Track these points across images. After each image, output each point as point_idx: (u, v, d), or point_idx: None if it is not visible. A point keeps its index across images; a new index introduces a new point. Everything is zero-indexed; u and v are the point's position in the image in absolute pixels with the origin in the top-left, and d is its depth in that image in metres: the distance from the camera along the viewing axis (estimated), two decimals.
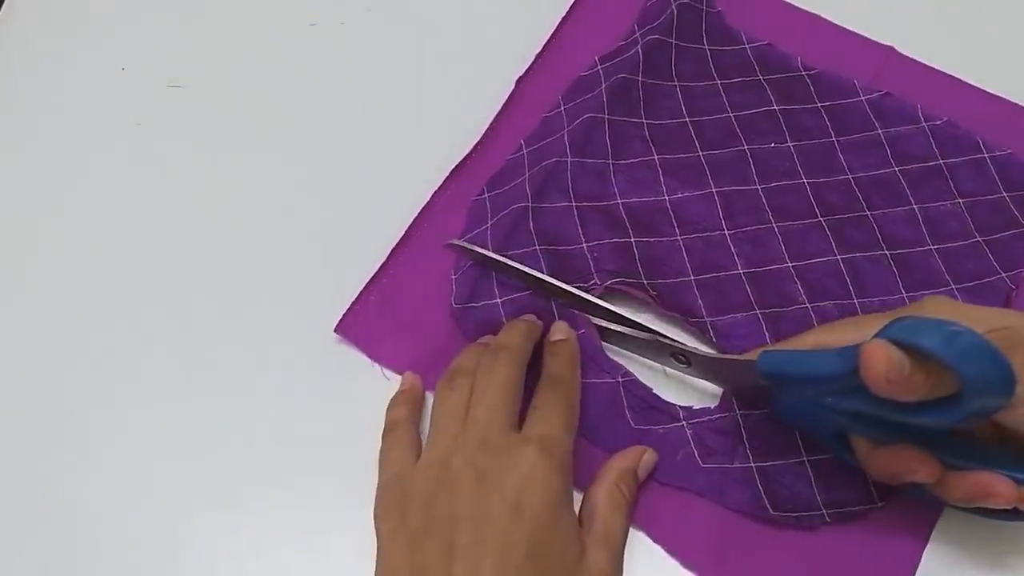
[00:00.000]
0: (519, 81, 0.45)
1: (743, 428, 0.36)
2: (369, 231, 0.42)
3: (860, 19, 0.47)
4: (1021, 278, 0.40)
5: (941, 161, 0.43)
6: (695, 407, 0.37)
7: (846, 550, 0.35)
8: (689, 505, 0.36)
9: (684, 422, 0.37)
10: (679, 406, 0.37)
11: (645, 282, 0.39)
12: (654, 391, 0.38)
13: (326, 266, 0.42)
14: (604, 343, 0.39)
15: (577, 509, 0.34)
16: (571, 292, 0.38)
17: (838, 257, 0.40)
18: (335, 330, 0.39)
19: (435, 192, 0.43)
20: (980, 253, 0.40)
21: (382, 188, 0.44)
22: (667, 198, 0.41)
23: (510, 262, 0.39)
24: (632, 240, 0.40)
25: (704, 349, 0.37)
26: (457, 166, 0.43)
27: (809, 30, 0.47)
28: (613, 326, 0.38)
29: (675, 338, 0.37)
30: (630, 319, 0.38)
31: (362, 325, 0.39)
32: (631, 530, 0.35)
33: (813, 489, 0.35)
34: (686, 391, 0.39)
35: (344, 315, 0.39)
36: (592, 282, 0.39)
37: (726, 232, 0.41)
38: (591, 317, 0.39)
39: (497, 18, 0.49)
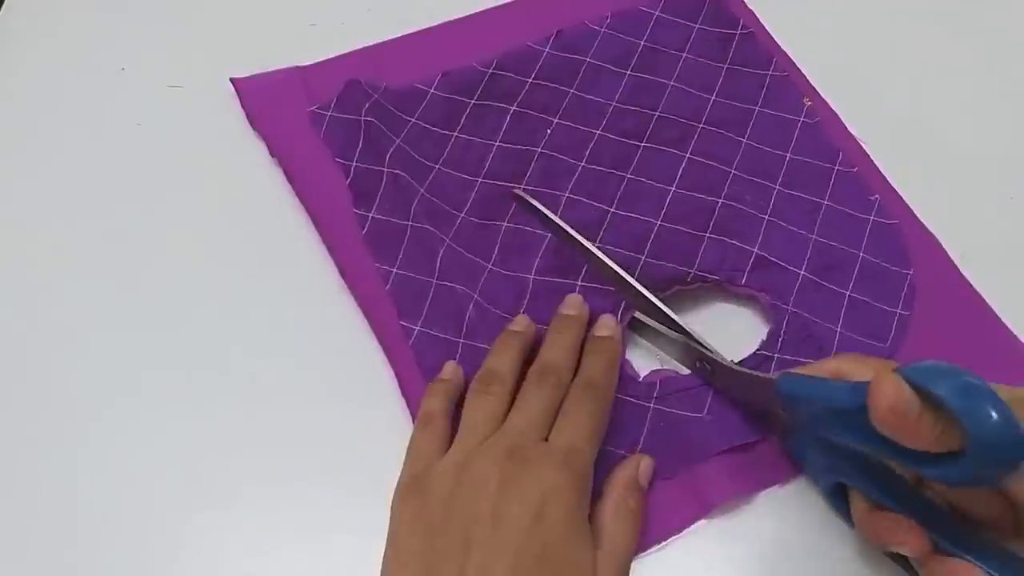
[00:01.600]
0: None
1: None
2: None
3: None
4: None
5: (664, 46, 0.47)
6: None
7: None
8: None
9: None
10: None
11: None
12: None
13: (327, 262, 0.42)
14: (635, 334, 0.40)
15: None
16: (622, 276, 0.39)
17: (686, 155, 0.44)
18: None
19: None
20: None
21: None
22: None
23: (572, 231, 0.40)
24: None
25: (729, 361, 0.37)
26: None
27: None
28: (645, 319, 0.39)
29: (706, 345, 0.37)
30: (670, 316, 0.38)
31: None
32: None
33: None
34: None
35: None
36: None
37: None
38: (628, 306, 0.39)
39: None
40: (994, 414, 0.25)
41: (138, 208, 0.44)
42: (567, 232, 0.40)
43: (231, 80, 0.46)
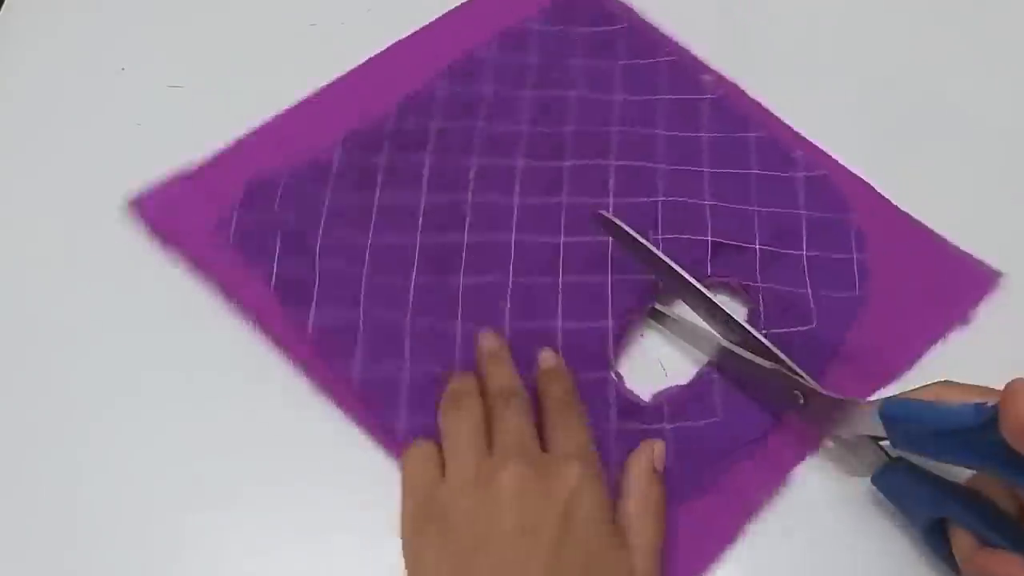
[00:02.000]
0: None
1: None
2: None
3: None
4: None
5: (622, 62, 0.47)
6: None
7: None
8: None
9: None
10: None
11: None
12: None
13: None
14: (659, 325, 0.40)
15: None
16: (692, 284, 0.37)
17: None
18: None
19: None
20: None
21: None
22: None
23: (654, 249, 0.38)
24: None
25: (824, 391, 0.36)
26: None
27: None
28: (737, 350, 0.37)
29: (801, 374, 0.36)
30: (762, 343, 0.37)
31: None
32: None
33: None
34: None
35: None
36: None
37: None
38: (719, 338, 0.38)
39: None
40: None
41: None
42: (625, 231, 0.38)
43: (130, 204, 0.42)
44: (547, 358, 0.38)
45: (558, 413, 0.35)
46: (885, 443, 0.34)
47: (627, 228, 0.38)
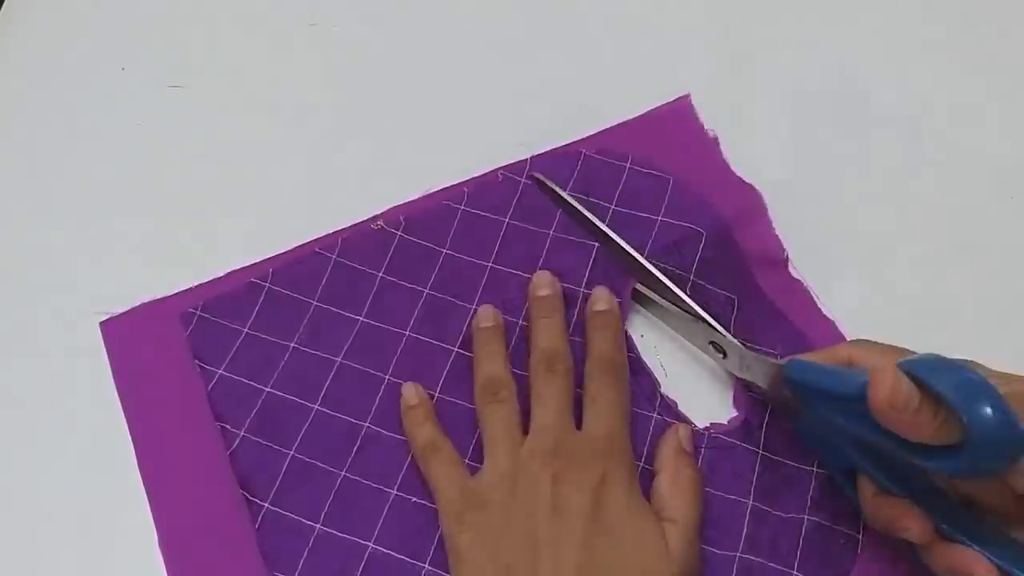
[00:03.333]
0: None
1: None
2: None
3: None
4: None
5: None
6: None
7: None
8: None
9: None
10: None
11: None
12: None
13: None
14: (644, 309, 0.40)
15: None
16: (631, 255, 0.39)
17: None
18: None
19: None
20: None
21: (382, 179, 0.44)
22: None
23: (585, 211, 0.40)
24: None
25: (739, 343, 0.37)
26: None
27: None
28: (658, 299, 0.39)
29: (716, 327, 0.37)
30: (679, 295, 0.38)
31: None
32: None
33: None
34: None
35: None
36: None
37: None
38: (637, 284, 0.39)
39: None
40: (991, 411, 0.25)
41: (138, 208, 0.44)
42: (582, 213, 0.40)
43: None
44: (600, 299, 0.38)
45: (597, 378, 0.35)
46: None
47: (555, 187, 0.41)
